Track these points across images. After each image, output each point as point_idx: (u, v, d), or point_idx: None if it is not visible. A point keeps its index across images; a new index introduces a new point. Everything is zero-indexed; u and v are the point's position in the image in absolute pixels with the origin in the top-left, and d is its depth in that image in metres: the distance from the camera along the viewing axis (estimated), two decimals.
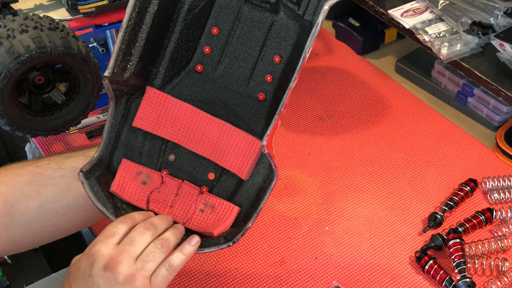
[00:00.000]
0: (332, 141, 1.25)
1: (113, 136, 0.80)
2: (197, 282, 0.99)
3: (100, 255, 0.70)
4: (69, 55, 0.96)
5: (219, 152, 0.81)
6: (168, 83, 0.84)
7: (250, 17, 0.84)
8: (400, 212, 1.11)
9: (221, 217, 0.80)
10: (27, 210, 0.82)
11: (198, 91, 0.85)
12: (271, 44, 0.84)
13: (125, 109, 0.81)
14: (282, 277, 1.00)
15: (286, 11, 0.82)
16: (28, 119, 1.02)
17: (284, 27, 0.83)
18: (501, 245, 1.01)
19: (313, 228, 1.08)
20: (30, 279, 1.32)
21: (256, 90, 0.84)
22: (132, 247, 0.71)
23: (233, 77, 0.85)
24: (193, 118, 0.82)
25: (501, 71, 1.14)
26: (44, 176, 0.83)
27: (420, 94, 1.38)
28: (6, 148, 1.89)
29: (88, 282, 0.69)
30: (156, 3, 0.78)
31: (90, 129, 1.25)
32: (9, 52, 0.91)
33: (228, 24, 0.84)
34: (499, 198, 1.11)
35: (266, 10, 0.83)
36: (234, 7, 0.84)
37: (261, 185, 0.81)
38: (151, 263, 0.71)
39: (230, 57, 0.85)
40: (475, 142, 1.24)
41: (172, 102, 0.82)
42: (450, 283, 0.96)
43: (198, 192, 0.81)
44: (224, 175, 0.83)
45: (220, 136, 0.81)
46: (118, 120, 0.80)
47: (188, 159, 0.84)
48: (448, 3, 1.24)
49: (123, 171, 0.80)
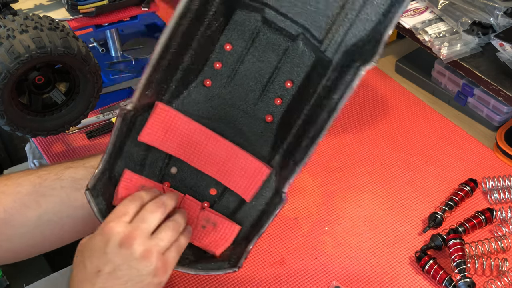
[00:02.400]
0: (332, 141, 1.25)
1: (117, 147, 0.78)
2: (197, 282, 0.99)
3: (115, 233, 0.70)
4: (69, 55, 0.96)
5: (224, 172, 0.81)
6: (176, 98, 0.82)
7: (266, 38, 0.81)
8: (400, 212, 1.11)
9: (223, 236, 0.80)
10: (27, 221, 0.82)
11: (206, 107, 0.83)
12: (284, 68, 0.82)
13: (130, 122, 0.79)
14: (282, 277, 1.00)
15: (305, 40, 0.80)
16: (28, 119, 1.02)
17: (300, 54, 0.81)
18: (501, 245, 1.01)
19: (313, 228, 1.08)
20: (30, 279, 1.32)
21: (264, 112, 0.83)
22: (144, 224, 0.72)
23: (241, 96, 0.83)
24: (201, 137, 0.80)
25: (501, 71, 1.14)
26: (44, 187, 0.83)
27: (420, 94, 1.38)
28: (6, 148, 1.89)
29: (103, 259, 0.70)
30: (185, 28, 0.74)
31: (90, 129, 1.25)
32: (9, 52, 0.91)
33: (242, 42, 0.82)
34: (499, 198, 1.11)
35: (284, 35, 0.81)
36: (251, 26, 0.81)
37: (264, 208, 0.81)
38: (165, 241, 0.73)
39: (241, 75, 0.83)
40: (475, 142, 1.24)
41: (181, 120, 0.79)
42: (450, 283, 0.96)
43: (200, 207, 0.81)
44: (227, 192, 0.83)
45: (227, 158, 0.80)
46: (123, 133, 0.78)
47: (190, 173, 0.83)
48: (448, 3, 1.25)
49: (126, 184, 0.78)
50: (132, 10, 1.22)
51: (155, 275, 0.71)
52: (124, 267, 0.70)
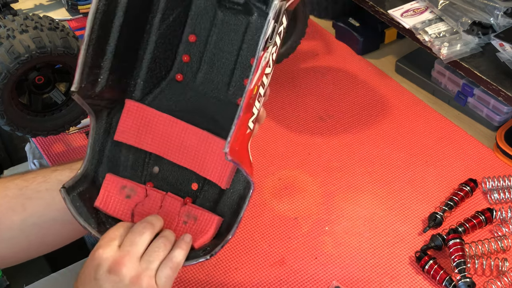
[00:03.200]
0: (332, 141, 1.25)
1: (96, 151, 0.79)
2: (197, 282, 0.99)
3: (104, 258, 0.70)
4: (69, 55, 0.96)
5: (199, 161, 0.80)
6: (148, 95, 0.82)
7: (226, 21, 0.82)
8: (400, 212, 1.11)
9: (203, 228, 0.79)
10: (12, 225, 0.81)
11: (179, 100, 0.83)
12: (247, 47, 0.82)
13: (106, 123, 0.79)
14: (282, 277, 1.00)
15: (259, 12, 0.80)
16: (28, 119, 1.02)
17: (259, 29, 0.81)
18: (501, 245, 1.02)
19: (313, 228, 1.08)
20: (30, 279, 1.32)
21: (236, 96, 0.83)
22: (133, 248, 0.71)
23: (213, 84, 0.83)
24: (171, 128, 0.80)
25: (501, 71, 1.14)
26: (30, 190, 0.82)
27: (420, 94, 1.38)
28: (6, 148, 1.89)
29: (95, 285, 0.70)
30: (121, 16, 0.75)
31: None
32: (9, 52, 0.91)
33: (204, 31, 0.82)
34: (499, 198, 1.11)
35: (239, 12, 0.81)
36: (209, 13, 0.82)
37: (241, 193, 0.80)
38: (155, 262, 0.71)
39: (209, 63, 0.83)
40: (475, 142, 1.24)
41: (151, 114, 0.80)
42: (450, 283, 0.96)
43: (182, 203, 0.80)
44: (207, 185, 0.82)
45: (198, 145, 0.80)
46: (100, 135, 0.78)
47: (171, 170, 0.83)
48: (448, 3, 1.25)
49: (107, 186, 0.78)
50: None
51: None
52: None
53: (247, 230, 1.07)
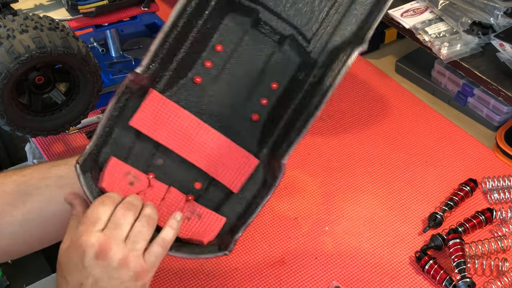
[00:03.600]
0: (332, 141, 1.25)
1: (106, 131, 0.79)
2: (197, 282, 0.99)
3: (89, 245, 0.70)
4: (69, 55, 0.96)
5: (213, 163, 0.82)
6: (168, 90, 0.84)
7: (255, 40, 0.84)
8: (400, 212, 1.11)
9: (209, 226, 0.80)
10: (13, 220, 0.81)
11: (195, 101, 0.84)
12: (270, 71, 0.84)
13: (122, 107, 0.80)
14: (282, 277, 1.00)
15: (292, 43, 0.84)
16: (28, 119, 1.02)
17: (286, 58, 0.84)
18: (501, 245, 1.02)
19: (313, 228, 1.08)
20: (30, 279, 1.32)
21: (251, 111, 0.85)
22: (117, 230, 0.71)
23: (229, 94, 0.85)
24: (192, 127, 0.82)
25: (501, 71, 1.14)
26: (29, 186, 0.82)
27: (420, 94, 1.38)
28: (6, 148, 1.89)
29: (84, 273, 0.70)
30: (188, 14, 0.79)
31: (90, 129, 1.25)
32: (9, 52, 0.91)
33: (232, 44, 0.85)
34: (499, 198, 1.11)
35: (272, 39, 0.85)
36: (242, 30, 0.84)
37: (250, 200, 0.82)
38: (141, 242, 0.72)
39: (229, 75, 0.85)
40: (475, 142, 1.25)
41: (174, 108, 0.81)
42: (450, 283, 0.96)
43: (185, 199, 0.81)
44: (212, 186, 0.83)
45: (216, 148, 0.82)
46: (114, 116, 0.79)
47: (176, 166, 0.83)
48: (448, 3, 1.25)
49: (111, 169, 0.79)
50: (132, 10, 1.22)
51: (136, 279, 0.71)
52: (105, 278, 0.70)
53: (247, 230, 1.06)
